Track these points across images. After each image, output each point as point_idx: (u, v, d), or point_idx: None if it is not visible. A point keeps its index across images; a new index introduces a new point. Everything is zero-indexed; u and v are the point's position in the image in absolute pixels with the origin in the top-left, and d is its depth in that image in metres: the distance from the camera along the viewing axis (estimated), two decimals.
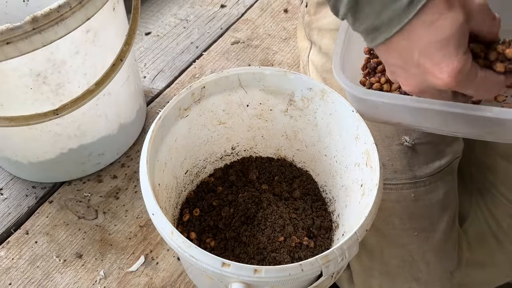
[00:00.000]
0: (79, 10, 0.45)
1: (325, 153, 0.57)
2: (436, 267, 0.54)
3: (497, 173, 0.69)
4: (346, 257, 0.40)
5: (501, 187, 0.69)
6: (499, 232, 0.72)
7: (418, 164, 0.55)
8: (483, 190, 0.72)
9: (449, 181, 0.57)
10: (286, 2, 0.94)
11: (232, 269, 0.38)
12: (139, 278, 0.58)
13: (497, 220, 0.71)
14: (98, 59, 0.54)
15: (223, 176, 0.62)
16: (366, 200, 0.45)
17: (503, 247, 0.72)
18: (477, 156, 0.71)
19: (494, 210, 0.71)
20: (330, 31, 0.65)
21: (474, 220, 0.75)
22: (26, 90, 0.49)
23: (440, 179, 0.56)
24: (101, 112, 0.60)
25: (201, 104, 0.53)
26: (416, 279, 0.55)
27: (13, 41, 0.42)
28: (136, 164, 0.69)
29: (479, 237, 0.74)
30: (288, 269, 0.38)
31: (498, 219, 0.71)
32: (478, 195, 0.73)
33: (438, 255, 0.54)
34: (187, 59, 0.83)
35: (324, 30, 0.66)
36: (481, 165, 0.71)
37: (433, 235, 0.54)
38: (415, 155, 0.56)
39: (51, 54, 0.48)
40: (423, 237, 0.54)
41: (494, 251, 0.74)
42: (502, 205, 0.69)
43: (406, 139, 0.56)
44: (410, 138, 0.56)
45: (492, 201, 0.71)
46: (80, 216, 0.63)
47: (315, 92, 0.52)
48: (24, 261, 0.59)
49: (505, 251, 0.73)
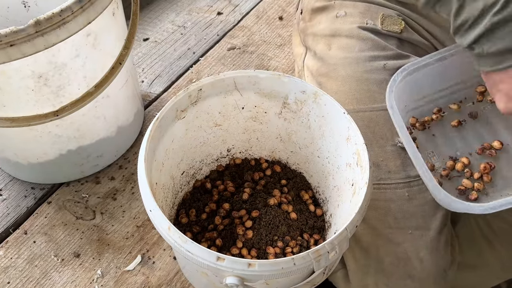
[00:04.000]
0: (81, 14, 0.47)
1: (318, 155, 0.58)
2: (430, 264, 0.56)
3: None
4: (337, 252, 0.42)
5: None
6: (489, 234, 0.73)
7: (411, 165, 0.57)
8: None
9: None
10: (281, 10, 0.96)
11: (226, 263, 0.39)
12: (136, 277, 0.59)
13: (488, 223, 0.72)
14: (98, 62, 0.56)
15: (218, 177, 0.63)
16: (357, 198, 0.47)
17: (494, 249, 0.73)
18: None
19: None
20: (324, 37, 0.67)
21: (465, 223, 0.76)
22: (28, 92, 0.51)
23: None
24: (100, 114, 0.61)
25: (198, 106, 0.55)
26: (411, 276, 0.56)
27: (17, 44, 0.44)
28: (133, 166, 0.70)
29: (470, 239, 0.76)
30: (281, 263, 0.39)
31: (488, 222, 0.72)
32: None
33: (432, 253, 0.56)
34: (184, 64, 0.85)
35: (319, 36, 0.68)
36: None
37: (427, 233, 0.56)
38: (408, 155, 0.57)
39: (52, 56, 0.49)
40: (417, 235, 0.56)
41: (485, 253, 0.75)
42: None
43: (400, 140, 0.57)
44: None
45: None
46: (78, 216, 0.64)
47: (308, 95, 0.54)
48: (23, 260, 0.60)
49: (495, 253, 0.74)
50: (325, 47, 0.66)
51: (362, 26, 0.63)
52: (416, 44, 0.63)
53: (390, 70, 0.60)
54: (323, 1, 0.69)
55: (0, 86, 0.49)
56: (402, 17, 0.63)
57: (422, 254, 0.56)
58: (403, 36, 0.63)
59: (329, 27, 0.66)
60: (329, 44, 0.66)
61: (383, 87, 0.59)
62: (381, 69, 0.60)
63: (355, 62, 0.62)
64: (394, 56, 0.61)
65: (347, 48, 0.63)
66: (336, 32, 0.65)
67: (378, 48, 0.61)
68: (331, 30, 0.66)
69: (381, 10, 0.64)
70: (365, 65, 0.61)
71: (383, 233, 0.56)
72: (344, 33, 0.64)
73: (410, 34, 0.63)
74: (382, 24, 0.62)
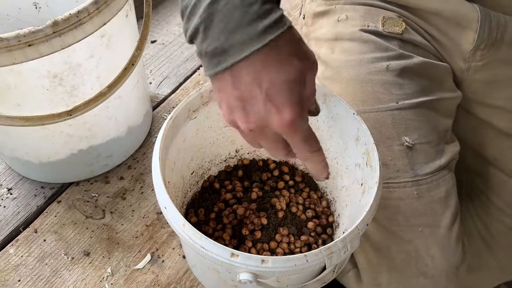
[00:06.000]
0: (96, 16, 0.48)
1: (326, 156, 0.59)
2: (442, 261, 0.57)
3: (486, 180, 0.71)
4: (348, 250, 0.42)
5: (490, 193, 0.71)
6: (488, 237, 0.73)
7: (419, 163, 0.58)
8: (472, 195, 0.74)
9: (450, 179, 0.59)
10: (286, 13, 0.98)
11: (240, 259, 0.40)
12: (145, 276, 0.60)
13: (486, 225, 0.73)
14: (111, 63, 0.56)
15: (226, 178, 0.64)
16: (367, 197, 0.48)
17: (493, 251, 0.74)
18: (468, 162, 0.73)
19: (483, 215, 0.73)
20: (327, 41, 0.68)
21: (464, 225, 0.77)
22: (43, 91, 0.52)
23: (441, 177, 0.58)
24: (112, 114, 0.62)
25: (209, 107, 0.55)
26: (423, 273, 0.57)
27: (35, 44, 0.45)
28: (142, 166, 0.71)
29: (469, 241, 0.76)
30: (294, 260, 0.40)
31: (487, 224, 0.73)
32: (468, 200, 0.75)
33: (443, 250, 0.57)
34: (191, 66, 0.86)
35: (322, 40, 0.69)
36: (471, 171, 0.73)
37: (437, 230, 0.57)
38: (415, 154, 0.58)
39: (68, 57, 0.50)
40: (427, 233, 0.57)
41: (484, 255, 0.75)
42: (491, 211, 0.71)
43: (406, 139, 0.58)
44: (410, 139, 0.58)
45: (481, 206, 0.73)
46: (88, 215, 0.65)
47: (318, 96, 0.55)
48: (33, 258, 0.61)
49: (494, 256, 0.74)
50: (328, 51, 0.67)
51: (363, 29, 0.64)
52: (417, 44, 0.64)
53: (393, 71, 0.61)
54: (324, 5, 0.70)
55: (16, 85, 0.50)
56: (402, 19, 0.64)
57: (433, 251, 0.56)
58: (404, 37, 0.64)
59: (331, 31, 0.67)
60: (332, 48, 0.67)
61: (387, 88, 0.60)
62: (384, 70, 0.61)
63: (358, 64, 0.63)
64: (397, 57, 0.62)
65: (350, 51, 0.64)
66: (338, 35, 0.66)
67: (381, 49, 0.62)
68: (333, 34, 0.67)
69: (382, 12, 0.65)
70: (369, 67, 0.62)
71: (393, 232, 0.57)
72: (346, 36, 0.65)
73: (411, 35, 0.64)
74: (383, 26, 0.63)
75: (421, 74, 0.62)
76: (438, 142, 0.60)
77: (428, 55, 0.65)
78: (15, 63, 0.45)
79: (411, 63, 0.62)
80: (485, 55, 0.62)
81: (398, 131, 0.59)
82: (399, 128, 0.59)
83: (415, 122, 0.59)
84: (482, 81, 0.65)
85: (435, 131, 0.60)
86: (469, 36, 0.62)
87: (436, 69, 0.64)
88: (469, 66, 0.64)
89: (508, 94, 0.64)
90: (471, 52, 0.62)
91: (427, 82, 0.62)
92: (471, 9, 0.61)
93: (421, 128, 0.59)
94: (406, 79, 0.61)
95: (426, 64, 0.62)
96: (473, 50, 0.62)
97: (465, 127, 0.71)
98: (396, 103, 0.59)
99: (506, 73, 0.64)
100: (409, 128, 0.59)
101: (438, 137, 0.60)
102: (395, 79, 0.61)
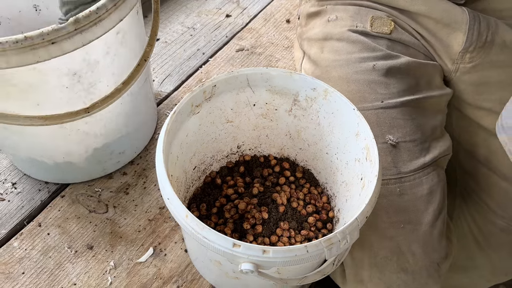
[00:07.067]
0: (114, 12, 0.49)
1: (327, 151, 0.60)
2: (422, 257, 0.57)
3: (478, 180, 0.71)
4: (347, 241, 0.43)
5: (482, 193, 0.71)
6: (480, 237, 0.73)
7: (402, 161, 0.58)
8: (465, 195, 0.75)
9: (434, 176, 0.59)
10: (288, 13, 0.99)
11: (242, 249, 0.41)
12: (148, 269, 0.61)
13: (479, 226, 0.73)
14: (125, 59, 0.57)
15: (228, 174, 0.65)
16: (366, 191, 0.49)
17: (484, 252, 0.74)
18: (461, 161, 0.74)
19: (476, 216, 0.73)
20: (318, 41, 0.69)
21: (457, 224, 0.77)
22: (63, 89, 0.52)
23: (425, 175, 0.58)
24: (124, 111, 0.63)
25: (212, 102, 0.56)
26: (404, 269, 0.57)
27: (57, 41, 0.45)
28: (145, 162, 0.72)
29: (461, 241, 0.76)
30: (294, 250, 0.41)
31: (479, 225, 0.73)
32: (461, 199, 0.76)
33: (424, 247, 0.57)
34: (193, 64, 0.87)
35: (313, 40, 0.70)
36: (465, 170, 0.74)
37: (418, 227, 0.57)
38: (399, 152, 0.59)
39: (86, 54, 0.51)
40: (409, 229, 0.57)
41: (476, 255, 0.76)
42: (483, 211, 0.72)
43: (390, 138, 0.59)
44: (394, 137, 0.59)
45: (474, 206, 0.73)
46: (91, 210, 0.66)
47: (319, 92, 0.56)
48: (37, 251, 0.61)
49: (486, 256, 0.74)
50: (318, 50, 0.68)
51: (352, 29, 0.65)
52: (406, 44, 0.65)
53: (379, 71, 0.62)
54: (317, 6, 0.71)
55: (37, 85, 0.50)
56: (391, 18, 0.65)
57: (414, 247, 0.57)
58: (393, 36, 0.64)
59: (321, 31, 0.69)
60: (321, 48, 0.68)
61: (372, 87, 0.61)
62: (370, 70, 0.62)
63: (345, 64, 0.64)
64: (384, 57, 0.63)
65: (338, 51, 0.65)
66: (327, 35, 0.67)
67: (368, 49, 0.63)
68: (323, 34, 0.68)
69: (371, 12, 0.65)
70: (355, 67, 0.63)
71: (376, 228, 0.57)
72: (335, 36, 0.66)
73: (400, 34, 0.65)
74: (371, 26, 0.64)
75: (408, 73, 0.63)
76: (423, 140, 0.60)
77: (418, 54, 0.65)
78: (39, 61, 0.46)
79: (397, 63, 0.62)
80: (474, 57, 0.63)
81: (382, 129, 0.59)
82: (383, 127, 0.60)
83: (399, 121, 0.60)
84: (471, 82, 0.66)
85: (420, 129, 0.61)
86: (458, 38, 0.62)
87: (425, 68, 0.64)
88: (457, 67, 0.65)
89: (497, 96, 0.65)
90: (460, 54, 0.63)
91: (414, 81, 0.63)
92: (460, 11, 0.61)
93: (405, 126, 0.60)
94: (392, 78, 0.62)
95: (413, 63, 0.63)
96: (462, 52, 0.63)
97: (458, 126, 0.71)
98: (381, 102, 0.60)
99: (496, 76, 0.64)
100: (393, 126, 0.60)
101: (423, 135, 0.61)
102: (381, 79, 0.61)
